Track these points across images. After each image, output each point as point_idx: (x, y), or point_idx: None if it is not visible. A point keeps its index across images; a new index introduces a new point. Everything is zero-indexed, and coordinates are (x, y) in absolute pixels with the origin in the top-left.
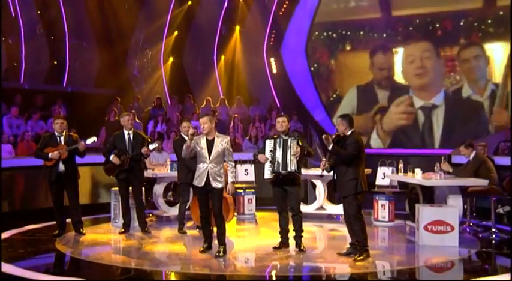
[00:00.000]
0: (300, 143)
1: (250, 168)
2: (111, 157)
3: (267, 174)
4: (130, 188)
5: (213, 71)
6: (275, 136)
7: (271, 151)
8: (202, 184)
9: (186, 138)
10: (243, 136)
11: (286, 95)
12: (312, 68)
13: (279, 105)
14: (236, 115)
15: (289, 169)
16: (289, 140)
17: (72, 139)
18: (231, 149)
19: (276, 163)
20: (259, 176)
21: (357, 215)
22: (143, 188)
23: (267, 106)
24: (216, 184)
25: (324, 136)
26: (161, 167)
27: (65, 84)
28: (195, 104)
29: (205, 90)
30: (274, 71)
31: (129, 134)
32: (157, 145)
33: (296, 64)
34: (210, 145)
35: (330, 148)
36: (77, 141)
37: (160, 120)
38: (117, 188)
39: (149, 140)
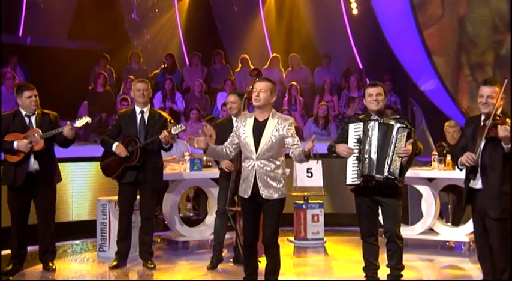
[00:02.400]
0: (412, 137)
1: (316, 167)
2: (114, 145)
3: (351, 177)
4: (138, 197)
5: (257, 14)
6: (363, 117)
7: (358, 140)
8: (249, 193)
9: (234, 120)
10: (304, 116)
11: (373, 51)
12: (416, 4)
13: (361, 66)
14: (293, 83)
15: (387, 173)
16: (395, 128)
17: (48, 120)
18: (296, 138)
19: (367, 160)
20: (330, 180)
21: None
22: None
23: (342, 69)
24: (270, 193)
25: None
26: (175, 163)
27: (21, 34)
28: (228, 66)
29: (245, 45)
30: (355, 11)
31: (142, 112)
32: (184, 128)
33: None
34: (259, 129)
35: (484, 136)
36: (56, 123)
37: (169, 91)
38: (110, 198)
39: (172, 121)
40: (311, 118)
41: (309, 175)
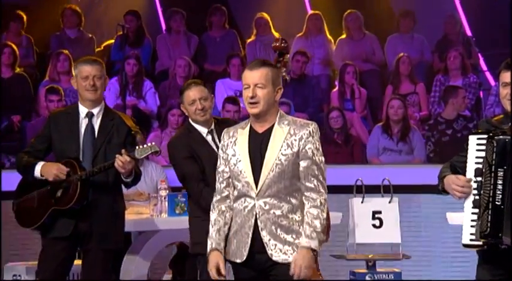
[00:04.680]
0: None
1: (390, 209)
2: (39, 167)
3: (469, 234)
4: (77, 263)
5: None
6: (497, 123)
7: (478, 171)
8: (244, 255)
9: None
10: (368, 119)
11: (490, 10)
12: None
13: (470, 34)
14: (349, 63)
15: None
16: None
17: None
18: (319, 158)
19: (491, 210)
20: (416, 230)
21: None
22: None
23: (435, 37)
24: (284, 253)
25: None
26: (143, 203)
27: None
28: (235, 33)
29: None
30: None
31: (90, 116)
32: (157, 149)
33: None
34: (259, 146)
35: None
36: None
37: (132, 76)
38: (27, 263)
39: (137, 131)
40: (379, 124)
41: (377, 222)
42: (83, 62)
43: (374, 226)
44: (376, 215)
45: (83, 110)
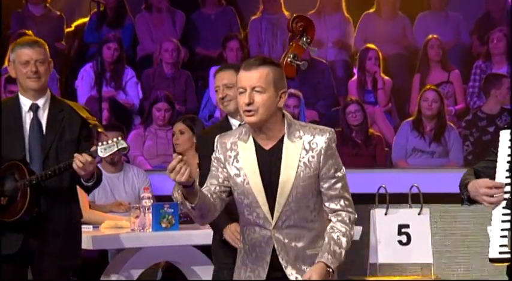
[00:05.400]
0: None
1: (419, 222)
2: None
3: (498, 246)
4: None
5: None
6: None
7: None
8: (263, 276)
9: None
10: (393, 114)
11: None
12: None
13: None
14: (371, 47)
15: None
16: None
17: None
18: (341, 173)
19: None
20: (447, 246)
21: None
22: None
23: (473, 15)
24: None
25: None
26: (122, 215)
27: None
28: (232, 10)
29: None
30: None
31: (35, 108)
32: (124, 146)
33: None
34: (268, 167)
35: None
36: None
37: (111, 63)
38: None
39: (96, 124)
40: (407, 119)
41: (404, 238)
42: (21, 44)
43: (400, 242)
44: (403, 230)
45: (25, 102)
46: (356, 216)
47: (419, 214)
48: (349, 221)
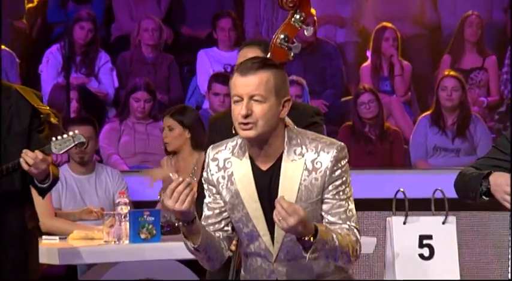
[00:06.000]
0: None
1: (444, 232)
2: None
3: None
4: None
5: None
6: None
7: None
8: None
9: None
10: (412, 105)
11: None
12: None
13: None
14: (387, 25)
15: None
16: None
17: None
18: (349, 201)
19: None
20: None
21: None
22: None
23: None
24: None
25: None
26: (93, 224)
27: None
28: None
29: None
30: None
31: None
32: (82, 140)
33: None
34: (267, 192)
35: None
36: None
37: (82, 45)
38: None
39: (49, 113)
40: (424, 113)
41: (426, 251)
42: None
43: (422, 256)
44: (425, 242)
45: None
46: (361, 247)
47: (443, 222)
48: (354, 249)
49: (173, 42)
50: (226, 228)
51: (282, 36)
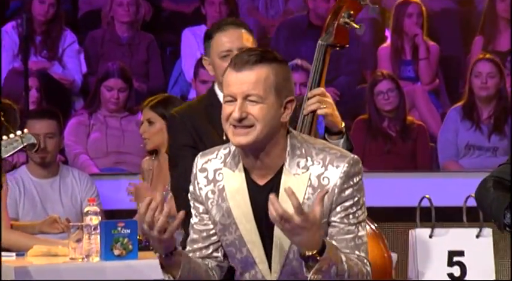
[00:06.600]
0: None
1: (479, 246)
2: None
3: None
4: None
5: None
6: None
7: None
8: None
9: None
10: (440, 96)
11: None
12: None
13: None
14: (416, 1)
15: None
16: None
17: None
18: (361, 226)
19: None
20: None
21: None
22: None
23: None
24: None
25: None
26: (55, 239)
27: None
28: None
29: None
30: None
31: None
32: (33, 141)
33: None
34: (260, 211)
35: None
36: None
37: (42, 23)
38: None
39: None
40: (455, 105)
41: (457, 270)
42: None
43: (451, 276)
44: (456, 259)
45: None
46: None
47: (478, 236)
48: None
49: (153, 18)
50: (215, 254)
51: (347, 14)
